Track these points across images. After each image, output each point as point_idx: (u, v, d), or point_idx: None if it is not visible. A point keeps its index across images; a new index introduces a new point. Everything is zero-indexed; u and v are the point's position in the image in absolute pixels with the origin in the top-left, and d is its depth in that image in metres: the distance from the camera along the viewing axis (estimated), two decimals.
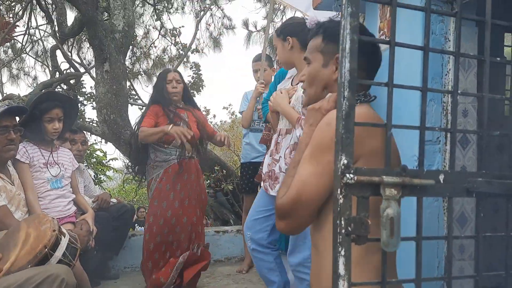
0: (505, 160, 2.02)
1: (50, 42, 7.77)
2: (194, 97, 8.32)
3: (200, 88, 8.18)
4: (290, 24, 2.35)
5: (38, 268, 1.70)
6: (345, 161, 0.83)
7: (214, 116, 10.49)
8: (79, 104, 3.13)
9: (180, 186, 3.07)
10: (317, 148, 1.10)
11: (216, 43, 9.88)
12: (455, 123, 0.93)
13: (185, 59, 9.92)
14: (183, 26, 8.59)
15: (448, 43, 1.77)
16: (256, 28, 9.34)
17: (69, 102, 2.83)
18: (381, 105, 2.08)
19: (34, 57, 7.96)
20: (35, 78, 8.65)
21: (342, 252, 0.82)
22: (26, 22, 6.72)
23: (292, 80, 2.46)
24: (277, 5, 7.20)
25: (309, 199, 1.08)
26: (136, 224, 7.18)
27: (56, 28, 5.47)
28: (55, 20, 5.45)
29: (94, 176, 6.52)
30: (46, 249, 1.74)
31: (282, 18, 8.29)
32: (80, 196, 2.92)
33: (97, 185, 5.80)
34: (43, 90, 3.11)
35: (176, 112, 3.08)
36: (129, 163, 3.36)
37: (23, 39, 7.28)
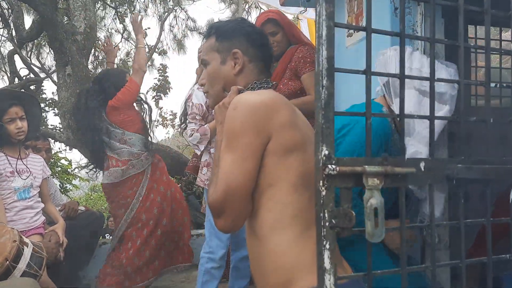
0: (473, 150, 2.06)
1: (7, 47, 7.47)
2: (161, 100, 8.21)
3: (167, 90, 8.04)
4: None
5: (1, 284, 1.60)
6: (326, 152, 0.80)
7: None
8: (39, 102, 3.03)
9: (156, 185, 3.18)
10: (230, 135, 1.10)
11: (180, 45, 9.76)
12: (433, 110, 0.92)
13: (149, 62, 9.75)
14: (149, 28, 8.44)
15: (415, 34, 1.78)
16: None
17: (26, 98, 2.66)
18: (346, 94, 2.08)
19: None
20: None
21: (327, 246, 0.79)
22: None
23: None
24: (244, 4, 7.18)
25: (238, 187, 1.07)
26: (106, 234, 6.96)
27: (14, 32, 5.24)
28: (12, 23, 5.22)
29: (59, 185, 6.29)
30: (8, 262, 1.63)
31: (248, 18, 8.28)
32: (50, 205, 2.76)
33: (63, 195, 5.60)
34: None
35: None
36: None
37: None
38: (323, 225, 0.80)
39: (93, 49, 5.46)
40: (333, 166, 0.79)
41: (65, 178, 6.55)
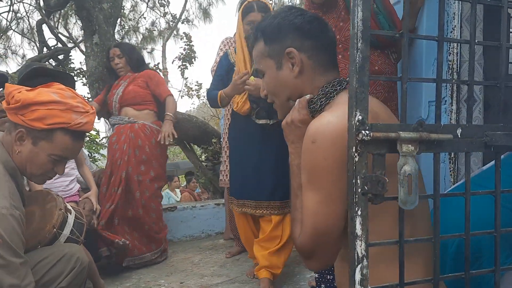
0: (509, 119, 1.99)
1: (35, 18, 7.56)
2: (186, 69, 8.20)
3: (193, 60, 8.02)
4: None
5: (51, 248, 1.66)
6: (360, 117, 0.78)
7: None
8: (73, 76, 3.13)
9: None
10: (312, 173, 0.98)
11: (205, 14, 9.66)
12: (472, 74, 0.88)
13: (175, 32, 9.72)
14: None
15: (450, 3, 1.70)
16: None
17: (61, 76, 2.71)
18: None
19: (20, 33, 7.73)
20: (23, 56, 8.43)
21: (359, 212, 0.79)
22: None
23: None
24: None
25: (328, 230, 0.97)
26: None
27: (41, 3, 5.28)
28: None
29: (88, 155, 6.44)
30: (55, 229, 1.70)
31: None
32: (85, 169, 2.80)
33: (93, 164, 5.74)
34: (31, 64, 2.98)
35: (113, 84, 3.34)
36: None
37: (7, 16, 7.06)
38: (355, 191, 0.79)
39: (119, 18, 5.45)
40: (367, 132, 0.77)
41: (93, 148, 6.69)
